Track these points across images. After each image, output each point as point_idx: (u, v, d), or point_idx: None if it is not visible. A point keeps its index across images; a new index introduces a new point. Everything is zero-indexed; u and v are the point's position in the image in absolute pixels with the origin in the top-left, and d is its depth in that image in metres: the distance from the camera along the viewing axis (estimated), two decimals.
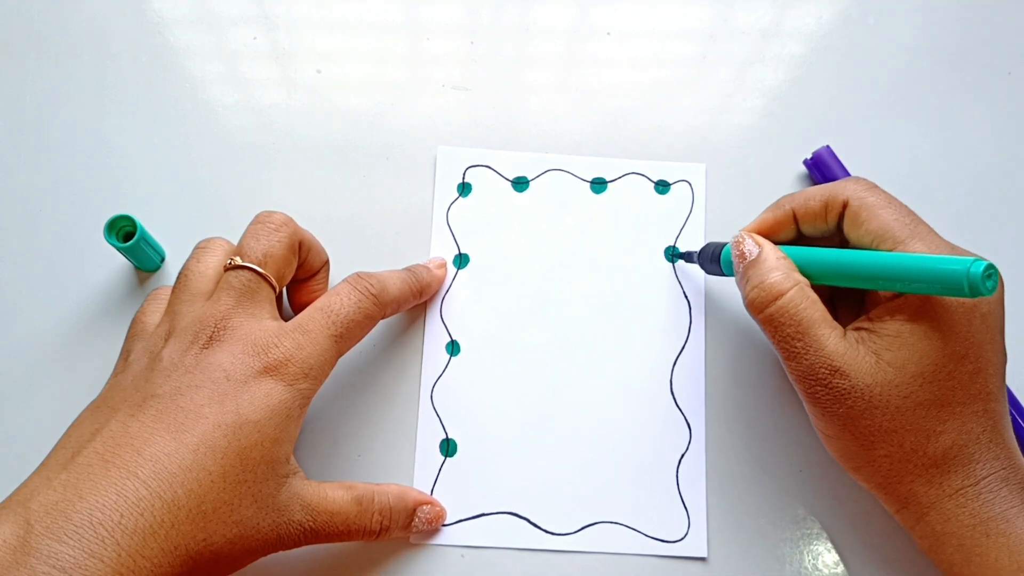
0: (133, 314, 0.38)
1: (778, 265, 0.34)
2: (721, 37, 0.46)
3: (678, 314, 0.42)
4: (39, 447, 0.31)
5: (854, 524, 0.39)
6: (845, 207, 0.34)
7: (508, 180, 0.43)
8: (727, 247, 0.37)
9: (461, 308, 0.41)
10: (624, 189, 0.43)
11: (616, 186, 0.43)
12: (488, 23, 0.46)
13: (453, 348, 0.41)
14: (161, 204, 0.42)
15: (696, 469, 0.39)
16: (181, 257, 0.37)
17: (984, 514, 0.31)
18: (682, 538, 0.38)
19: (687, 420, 0.40)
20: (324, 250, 0.39)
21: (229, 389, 0.32)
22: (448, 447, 0.40)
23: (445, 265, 0.42)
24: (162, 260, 0.42)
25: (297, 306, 0.39)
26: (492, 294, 0.42)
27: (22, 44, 0.44)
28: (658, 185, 0.43)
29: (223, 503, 0.30)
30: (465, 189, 0.43)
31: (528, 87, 0.45)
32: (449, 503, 0.39)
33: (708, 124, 0.44)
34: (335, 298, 0.35)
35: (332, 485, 0.35)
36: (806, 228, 0.36)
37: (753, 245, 0.35)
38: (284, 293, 0.40)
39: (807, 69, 0.45)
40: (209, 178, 0.43)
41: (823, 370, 0.32)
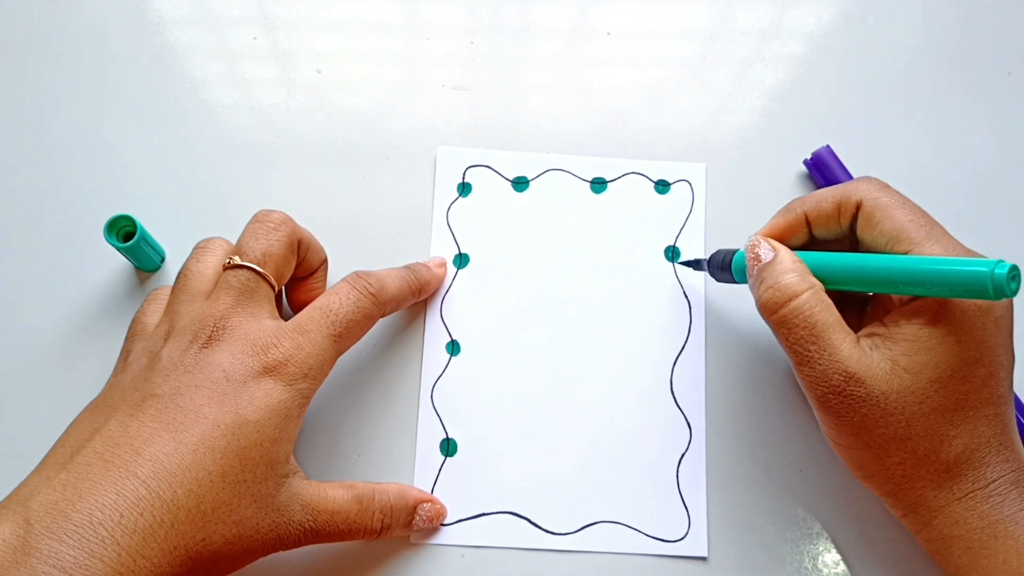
0: (133, 314, 0.38)
1: (794, 267, 0.33)
2: (721, 37, 0.46)
3: (678, 314, 0.42)
4: (39, 447, 0.31)
5: (854, 523, 0.39)
6: (858, 208, 0.34)
7: (508, 180, 0.43)
8: (739, 253, 0.37)
9: (461, 308, 0.41)
10: (624, 189, 0.43)
11: (616, 186, 0.43)
12: (488, 23, 0.46)
13: (453, 348, 0.41)
14: (161, 204, 0.42)
15: (696, 469, 0.39)
16: (181, 257, 0.37)
17: (993, 517, 0.31)
18: (682, 538, 0.38)
19: (687, 420, 0.40)
20: (322, 248, 0.39)
21: (228, 389, 0.32)
22: (448, 447, 0.40)
23: (445, 264, 0.42)
24: (162, 260, 0.42)
25: (295, 305, 0.39)
26: (492, 294, 0.42)
27: (22, 44, 0.44)
28: (658, 185, 0.43)
29: (222, 503, 0.30)
30: (465, 189, 0.43)
31: (528, 87, 0.45)
32: (449, 503, 0.39)
33: (708, 124, 0.44)
34: (334, 297, 0.35)
35: (332, 484, 0.35)
36: (819, 231, 0.36)
37: (768, 249, 0.34)
38: (283, 292, 0.40)
39: (807, 69, 0.45)
40: (209, 178, 0.43)
41: (837, 376, 0.31)
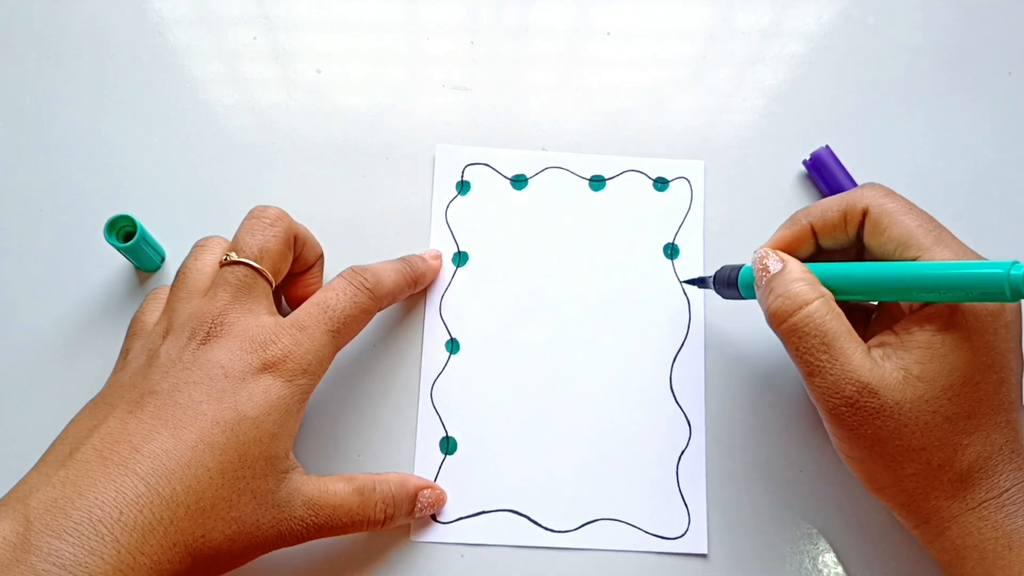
0: (133, 314, 0.38)
1: (803, 276, 0.33)
2: (721, 37, 0.46)
3: (677, 311, 0.42)
4: (39, 447, 0.31)
5: (854, 521, 0.39)
6: (864, 216, 0.34)
7: (507, 178, 0.43)
8: (744, 268, 0.37)
9: (460, 306, 0.41)
10: (623, 186, 0.43)
11: (615, 183, 0.43)
12: (488, 23, 0.46)
13: (452, 346, 0.41)
14: (161, 204, 0.42)
15: (696, 466, 0.39)
16: (181, 257, 0.37)
17: (1007, 527, 0.31)
18: (682, 535, 0.38)
19: (687, 417, 0.40)
20: (319, 244, 0.39)
21: (227, 386, 0.32)
22: (448, 445, 0.40)
23: (440, 256, 0.42)
24: (162, 260, 0.42)
25: (292, 300, 0.39)
26: (491, 292, 0.42)
27: (22, 44, 0.44)
28: (657, 182, 0.43)
29: (221, 499, 0.30)
30: (464, 187, 0.43)
31: (528, 87, 0.45)
32: (449, 501, 0.39)
33: (708, 124, 0.44)
34: (331, 293, 0.35)
35: (332, 478, 0.35)
36: (825, 241, 0.35)
37: (777, 260, 0.34)
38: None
39: (807, 69, 0.45)
40: (209, 178, 0.43)
41: (850, 386, 0.31)
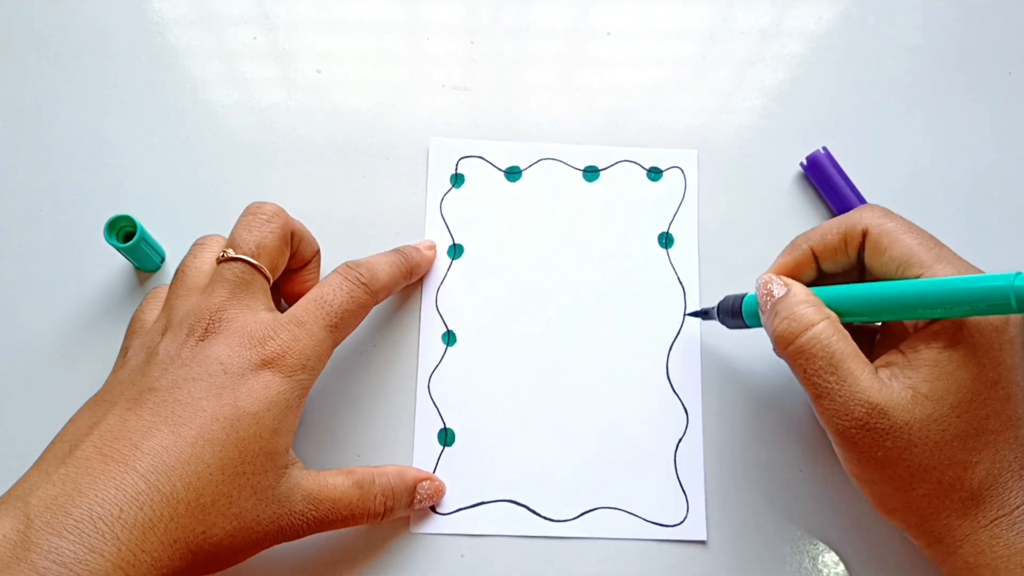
0: (133, 314, 0.38)
1: (808, 299, 0.33)
2: (721, 37, 0.46)
3: (673, 300, 0.42)
4: (39, 446, 0.31)
5: (853, 514, 0.39)
6: (864, 237, 0.34)
7: (501, 170, 0.43)
8: (748, 296, 0.37)
9: (456, 298, 0.42)
10: (616, 177, 0.43)
11: (608, 174, 0.43)
12: (488, 23, 0.46)
13: (449, 338, 0.41)
14: (161, 204, 0.42)
15: (694, 453, 0.40)
16: (181, 257, 0.37)
17: (1019, 544, 0.30)
18: (681, 522, 0.39)
19: (684, 405, 0.40)
20: (315, 240, 0.39)
21: (226, 382, 0.32)
22: (446, 437, 0.40)
23: (435, 246, 0.42)
24: (162, 260, 0.42)
25: (289, 296, 0.39)
26: (487, 284, 0.42)
27: (22, 44, 0.44)
28: (650, 172, 0.43)
29: (222, 495, 0.30)
30: (458, 180, 0.43)
31: (528, 87, 0.45)
32: (448, 492, 0.39)
33: (708, 124, 0.44)
34: (327, 289, 0.35)
35: (331, 472, 0.35)
36: (827, 265, 0.35)
37: (781, 285, 0.34)
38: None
39: (807, 69, 0.45)
40: (209, 178, 0.43)
41: (860, 408, 0.31)
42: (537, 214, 0.43)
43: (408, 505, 0.37)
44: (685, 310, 0.42)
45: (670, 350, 0.41)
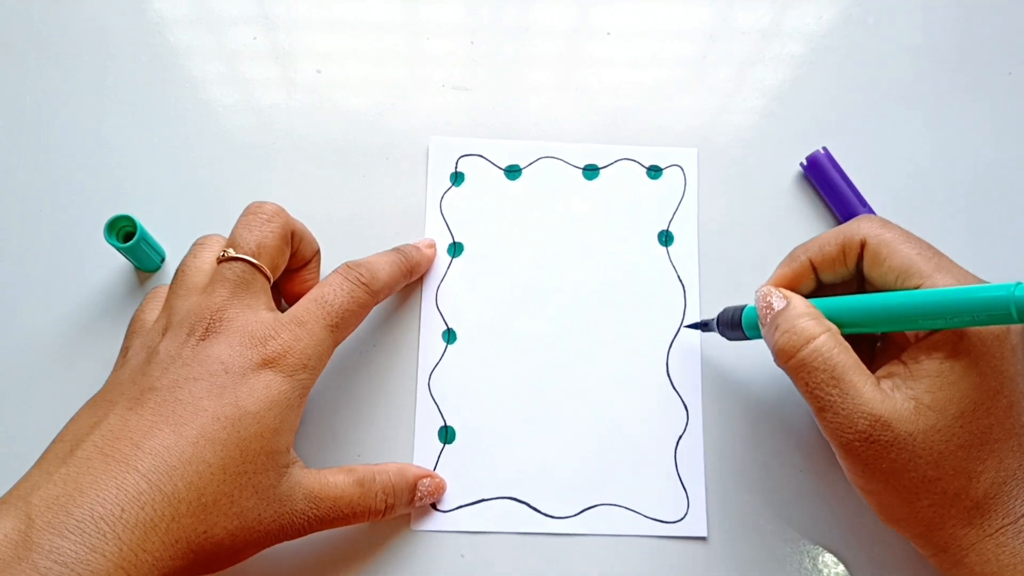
0: (133, 314, 0.38)
1: (808, 312, 0.33)
2: (721, 37, 0.46)
3: (673, 297, 0.42)
4: (39, 447, 0.31)
5: (853, 513, 0.39)
6: (863, 248, 0.34)
7: (500, 168, 0.44)
8: (748, 308, 0.37)
9: (456, 296, 0.42)
10: (616, 175, 0.44)
11: (608, 172, 0.44)
12: (488, 23, 0.46)
13: (449, 336, 0.41)
14: (161, 204, 0.42)
15: (694, 450, 0.40)
16: (181, 257, 0.37)
17: None
18: (682, 518, 0.39)
19: (684, 402, 0.40)
20: (315, 240, 0.39)
21: (228, 381, 0.32)
22: (447, 434, 0.40)
23: (435, 245, 0.42)
24: (162, 260, 0.42)
25: (289, 296, 0.39)
26: (487, 282, 0.42)
27: (22, 44, 0.44)
28: (650, 170, 0.44)
29: (223, 495, 0.30)
30: (458, 178, 0.43)
31: (528, 87, 0.45)
32: (449, 489, 0.39)
33: (708, 124, 0.44)
34: (328, 289, 0.35)
35: (332, 471, 0.35)
36: (825, 276, 0.35)
37: (780, 297, 0.34)
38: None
39: (807, 69, 0.45)
40: (209, 178, 0.43)
41: (863, 420, 0.30)
42: (537, 212, 0.43)
43: (409, 502, 0.37)
44: (685, 308, 0.42)
45: (670, 347, 0.41)
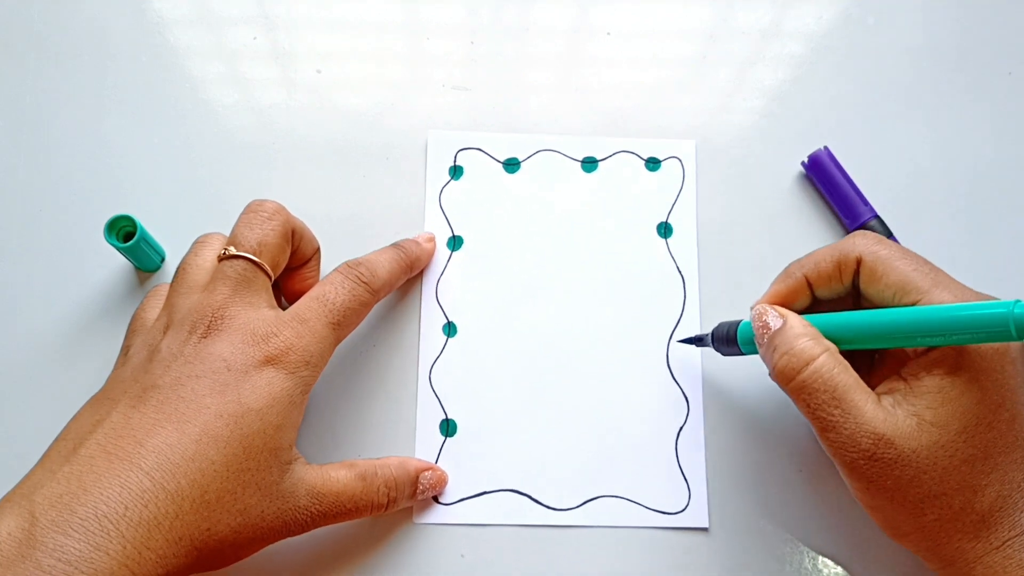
0: (132, 313, 0.38)
1: (806, 332, 0.33)
2: (721, 37, 0.46)
3: (672, 288, 0.42)
4: (39, 447, 0.31)
5: (852, 510, 0.39)
6: (859, 264, 0.34)
7: (499, 162, 0.44)
8: (743, 324, 0.36)
9: (456, 290, 0.42)
10: (615, 167, 0.44)
11: (607, 164, 0.44)
12: (488, 23, 0.46)
13: (450, 329, 0.41)
14: (161, 204, 0.42)
15: (695, 441, 0.40)
16: (181, 257, 0.37)
17: None
18: (683, 509, 0.39)
19: (684, 393, 0.40)
20: (315, 238, 0.39)
21: (230, 379, 0.32)
22: (448, 427, 0.40)
23: (434, 238, 0.42)
24: (162, 260, 0.42)
25: (289, 294, 0.39)
26: (487, 275, 0.42)
27: (22, 44, 0.44)
28: (648, 162, 0.44)
29: (227, 492, 0.30)
30: (457, 172, 0.43)
31: (528, 87, 0.45)
32: (451, 482, 0.39)
33: (708, 124, 0.44)
34: (329, 287, 0.35)
35: (334, 466, 0.35)
36: (821, 292, 0.35)
37: (776, 316, 0.34)
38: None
39: (807, 69, 0.45)
40: (209, 178, 0.43)
41: (866, 439, 0.30)
42: (536, 205, 0.43)
43: (411, 496, 0.37)
44: (685, 299, 0.42)
45: (670, 338, 0.41)
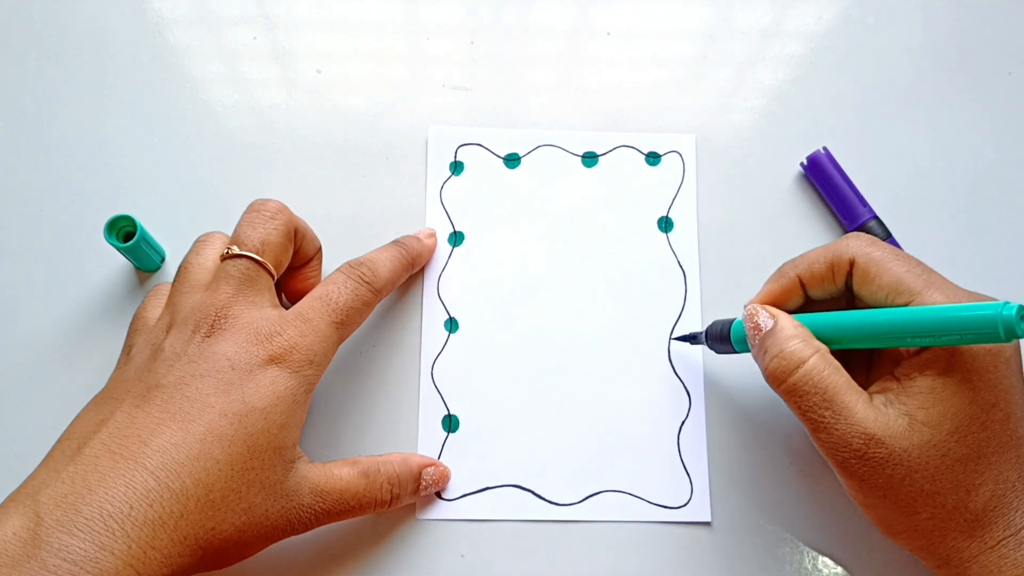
0: (133, 313, 0.38)
1: (796, 333, 0.33)
2: (721, 37, 0.46)
3: (673, 283, 0.42)
4: (39, 447, 0.31)
5: (852, 507, 0.39)
6: (852, 265, 0.34)
7: (500, 157, 0.44)
8: (736, 322, 0.37)
9: (458, 285, 0.42)
10: (615, 162, 0.44)
11: (607, 159, 0.44)
12: (488, 23, 0.46)
13: (451, 325, 0.41)
14: (161, 204, 0.42)
15: (697, 436, 0.40)
16: (181, 257, 0.37)
17: None
18: (685, 504, 0.39)
19: (686, 387, 0.41)
20: (317, 237, 0.39)
21: (234, 378, 0.32)
22: (450, 423, 0.40)
23: (435, 234, 0.42)
24: (162, 260, 0.42)
25: (292, 294, 0.39)
26: (488, 270, 0.42)
27: (22, 44, 0.44)
28: (649, 157, 0.44)
29: (231, 491, 0.30)
30: (457, 168, 0.43)
31: (528, 87, 0.45)
32: (454, 478, 0.39)
33: (708, 124, 0.44)
34: (332, 287, 0.35)
35: (336, 464, 0.35)
36: (814, 292, 0.35)
37: (767, 317, 0.34)
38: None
39: (807, 69, 0.45)
40: (209, 178, 0.43)
41: (857, 440, 0.31)
42: (537, 200, 0.43)
43: (414, 492, 0.37)
44: (686, 293, 0.42)
45: (671, 333, 0.41)
